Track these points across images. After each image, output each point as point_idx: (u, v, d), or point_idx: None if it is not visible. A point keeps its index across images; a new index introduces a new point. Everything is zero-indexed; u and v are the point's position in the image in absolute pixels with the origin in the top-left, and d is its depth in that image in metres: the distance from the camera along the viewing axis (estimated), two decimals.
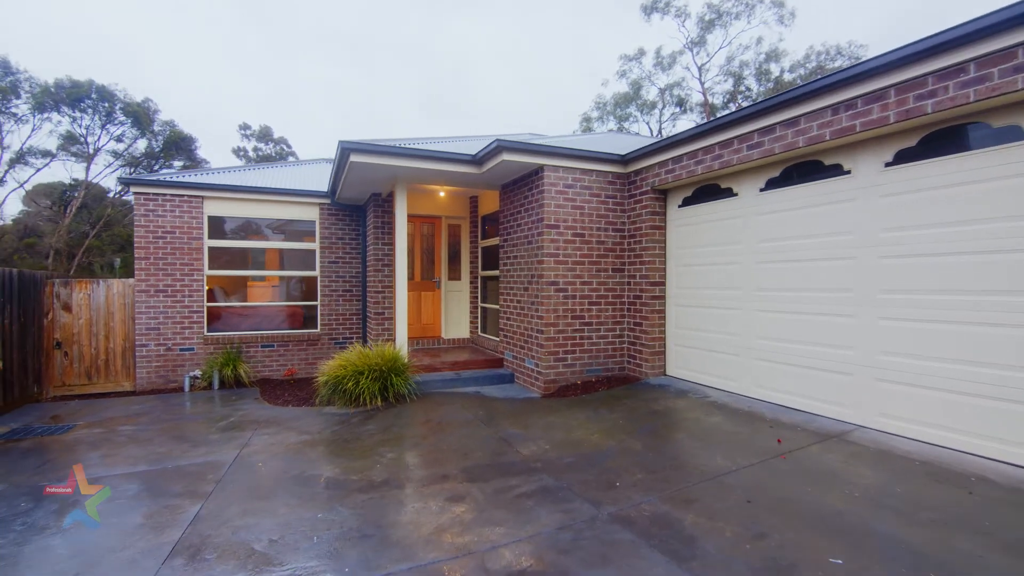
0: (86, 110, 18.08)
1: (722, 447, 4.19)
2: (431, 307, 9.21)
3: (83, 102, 17.55)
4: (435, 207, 9.09)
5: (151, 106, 20.07)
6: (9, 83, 16.32)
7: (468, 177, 7.17)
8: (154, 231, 8.51)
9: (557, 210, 6.47)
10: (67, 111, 17.70)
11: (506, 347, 7.54)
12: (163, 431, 5.89)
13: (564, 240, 6.51)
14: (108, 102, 18.16)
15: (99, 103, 17.84)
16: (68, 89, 17.07)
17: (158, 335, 8.53)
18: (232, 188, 8.90)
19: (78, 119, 18.00)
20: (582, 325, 6.63)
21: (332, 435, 5.31)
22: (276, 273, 9.61)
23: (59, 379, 8.17)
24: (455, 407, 6.03)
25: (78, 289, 8.25)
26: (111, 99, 18.27)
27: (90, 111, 18.11)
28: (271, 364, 9.16)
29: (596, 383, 6.54)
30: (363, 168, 6.65)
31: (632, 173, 6.80)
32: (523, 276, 6.95)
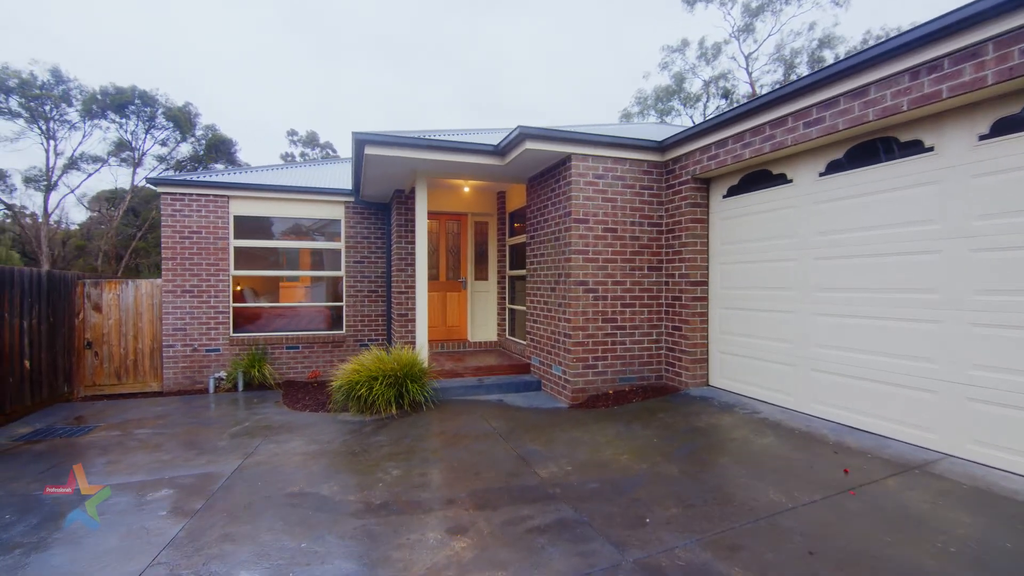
0: (130, 116, 18.82)
1: (776, 476, 3.54)
2: (457, 308, 8.80)
3: (127, 108, 18.26)
4: (461, 203, 8.68)
5: (191, 110, 20.70)
6: (61, 91, 17.16)
7: (491, 170, 6.71)
8: (181, 231, 8.47)
9: (586, 203, 5.91)
10: (113, 117, 18.47)
11: (533, 352, 7.03)
12: (175, 436, 5.73)
13: (594, 236, 5.95)
14: (150, 107, 18.85)
15: (142, 108, 18.55)
16: (112, 95, 17.80)
17: (184, 335, 8.48)
18: (257, 187, 8.77)
19: (123, 125, 18.77)
20: (614, 329, 6.05)
21: (340, 446, 4.95)
22: (302, 273, 9.45)
23: (90, 379, 8.22)
24: (473, 417, 5.57)
25: (108, 289, 8.28)
26: (153, 104, 18.96)
27: (134, 116, 18.85)
28: (296, 366, 8.98)
29: (629, 393, 5.94)
30: (380, 162, 6.29)
31: (670, 161, 6.16)
32: (550, 275, 6.43)
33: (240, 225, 8.86)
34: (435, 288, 8.68)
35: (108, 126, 18.93)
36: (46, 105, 16.92)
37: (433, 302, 8.65)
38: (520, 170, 6.74)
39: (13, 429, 6.23)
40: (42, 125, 17.48)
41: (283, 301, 9.43)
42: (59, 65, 17.32)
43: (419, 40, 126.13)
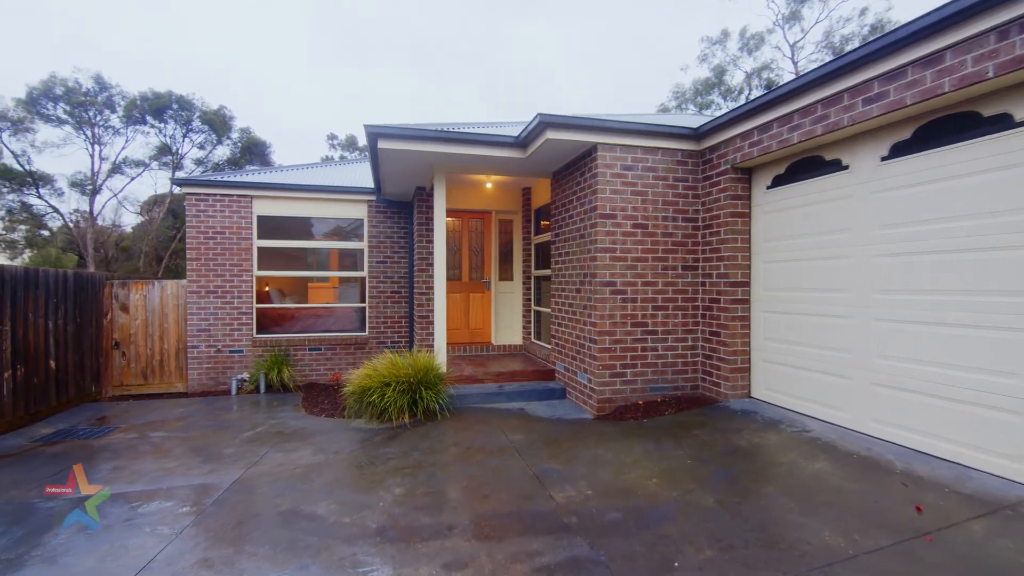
0: (167, 120, 19.41)
1: (831, 512, 3.01)
2: (480, 310, 8.45)
3: (165, 112, 18.84)
4: (484, 201, 8.32)
5: (226, 113, 21.21)
6: (104, 98, 17.84)
7: (513, 163, 6.31)
8: (205, 231, 8.44)
9: (613, 196, 5.44)
10: (152, 121, 19.11)
11: (557, 357, 6.59)
12: (187, 440, 5.60)
13: (622, 232, 5.47)
14: (187, 111, 19.41)
15: (179, 112, 19.10)
16: (151, 100, 18.39)
17: (208, 336, 8.45)
18: (279, 187, 8.67)
19: (162, 129, 19.41)
20: (644, 334, 5.55)
21: (347, 457, 4.66)
22: (325, 274, 9.31)
23: (117, 379, 8.28)
24: (490, 428, 5.19)
25: (134, 290, 8.33)
26: (190, 108, 19.53)
27: (172, 121, 19.44)
28: (318, 368, 8.83)
29: (662, 404, 5.43)
30: (394, 156, 5.99)
31: (707, 150, 5.62)
32: (575, 276, 5.98)
33: (264, 225, 8.77)
34: (457, 289, 8.36)
35: (148, 131, 19.64)
36: (90, 111, 17.67)
37: (455, 304, 8.33)
38: (543, 163, 6.32)
39: (36, 429, 6.25)
40: (87, 131, 18.26)
41: (305, 302, 9.31)
42: (101, 72, 18.12)
43: (448, 43, 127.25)
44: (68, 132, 17.82)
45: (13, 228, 20.82)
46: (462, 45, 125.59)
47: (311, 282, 9.53)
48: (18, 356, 6.26)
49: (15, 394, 6.20)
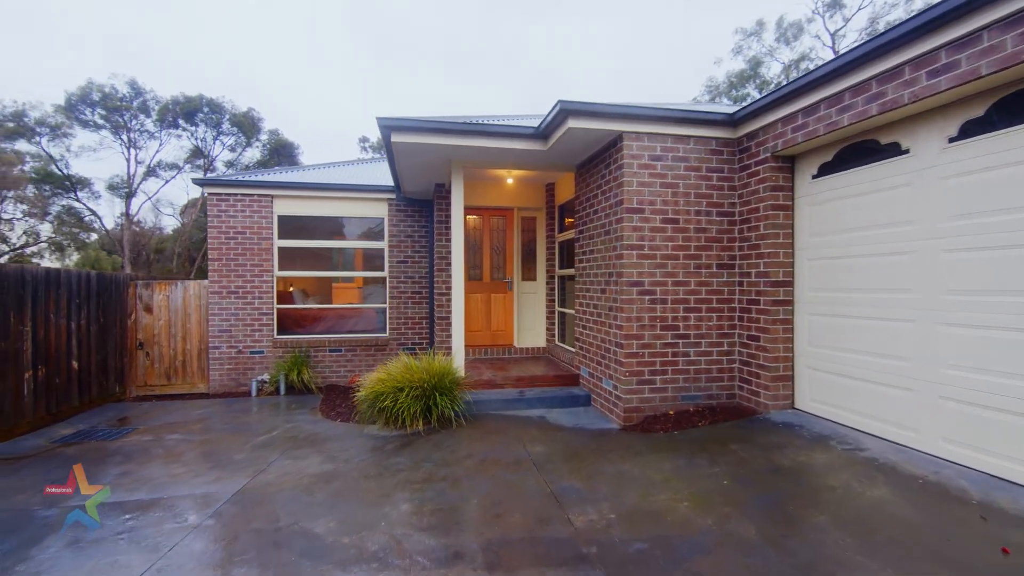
0: (199, 123, 19.87)
1: (896, 550, 2.57)
2: (502, 311, 8.13)
3: (196, 116, 19.29)
4: (506, 197, 8.00)
5: (255, 115, 21.57)
6: (139, 104, 18.38)
7: (534, 156, 5.98)
8: (226, 231, 8.39)
9: (640, 189, 5.05)
10: (184, 124, 19.59)
11: (582, 362, 6.22)
12: (200, 444, 5.49)
13: (650, 228, 5.07)
14: (217, 114, 19.82)
15: (210, 115, 19.53)
16: (183, 104, 18.84)
17: (230, 337, 8.40)
18: (300, 186, 8.56)
19: (194, 132, 19.88)
20: (675, 338, 5.13)
21: (356, 467, 4.41)
22: (346, 274, 9.17)
23: (141, 379, 8.31)
24: (508, 438, 4.87)
25: (158, 291, 8.34)
26: (219, 111, 19.93)
27: (202, 124, 19.89)
28: (339, 369, 8.68)
29: (694, 415, 5.00)
30: (409, 151, 5.73)
31: (744, 137, 5.16)
32: (600, 275, 5.61)
33: (284, 225, 8.69)
34: (478, 289, 8.07)
35: (180, 134, 20.17)
36: (125, 116, 18.23)
37: (476, 304, 8.04)
38: (566, 155, 5.96)
39: (56, 430, 6.25)
40: (123, 136, 18.86)
41: (325, 303, 9.19)
42: (136, 78, 18.69)
43: (477, 46, 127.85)
44: (104, 136, 18.53)
45: (60, 231, 21.68)
46: (491, 47, 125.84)
47: (335, 282, 9.43)
48: (39, 357, 6.28)
49: (36, 395, 6.21)
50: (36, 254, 28.27)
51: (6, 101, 15.93)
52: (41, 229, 26.84)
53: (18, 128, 15.94)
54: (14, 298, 5.92)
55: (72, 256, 25.84)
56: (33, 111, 16.66)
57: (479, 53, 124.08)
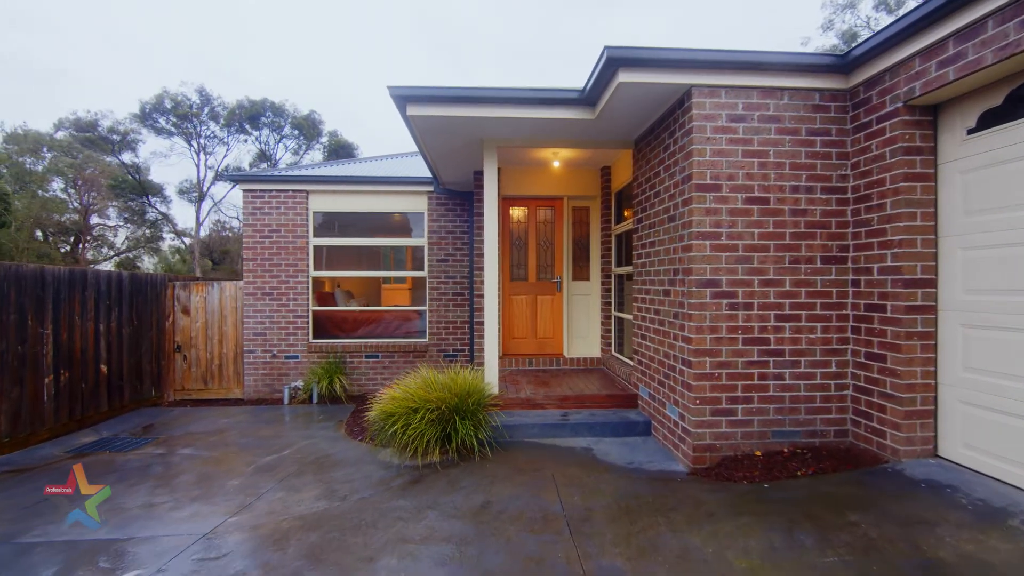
0: (262, 127, 20.40)
1: None
2: (550, 316, 7.10)
3: (259, 119, 19.80)
4: (553, 184, 6.96)
5: (316, 118, 21.85)
6: (208, 111, 19.16)
7: (580, 129, 4.94)
8: (260, 230, 7.99)
9: (716, 160, 3.87)
10: (248, 128, 20.17)
11: (640, 380, 5.08)
12: (204, 463, 4.98)
13: (730, 211, 3.87)
14: (279, 117, 20.26)
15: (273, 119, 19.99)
16: (247, 108, 19.39)
17: (264, 341, 7.98)
18: (335, 180, 8.01)
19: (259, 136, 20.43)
20: (764, 355, 3.90)
21: (351, 508, 3.59)
22: (383, 274, 8.53)
23: (179, 383, 8.07)
24: (540, 479, 3.85)
25: (195, 292, 8.07)
26: (282, 114, 20.36)
27: (266, 128, 20.40)
28: (375, 377, 8.03)
29: (791, 459, 3.74)
30: (431, 127, 4.88)
31: (861, 86, 3.83)
32: (663, 272, 4.46)
33: (319, 222, 8.17)
34: (523, 291, 7.08)
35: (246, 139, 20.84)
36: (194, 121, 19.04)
37: (520, 308, 7.06)
38: (620, 125, 4.86)
39: (78, 438, 5.98)
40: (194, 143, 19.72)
41: (372, 304, 8.59)
42: (204, 84, 19.53)
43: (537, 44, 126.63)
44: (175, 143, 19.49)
45: (146, 235, 23.15)
46: (553, 48, 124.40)
47: (385, 283, 8.85)
48: (61, 361, 6.03)
49: (57, 400, 5.96)
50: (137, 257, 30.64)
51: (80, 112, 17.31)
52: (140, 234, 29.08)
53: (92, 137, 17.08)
54: (33, 299, 5.66)
55: (154, 259, 27.64)
56: (104, 120, 17.86)
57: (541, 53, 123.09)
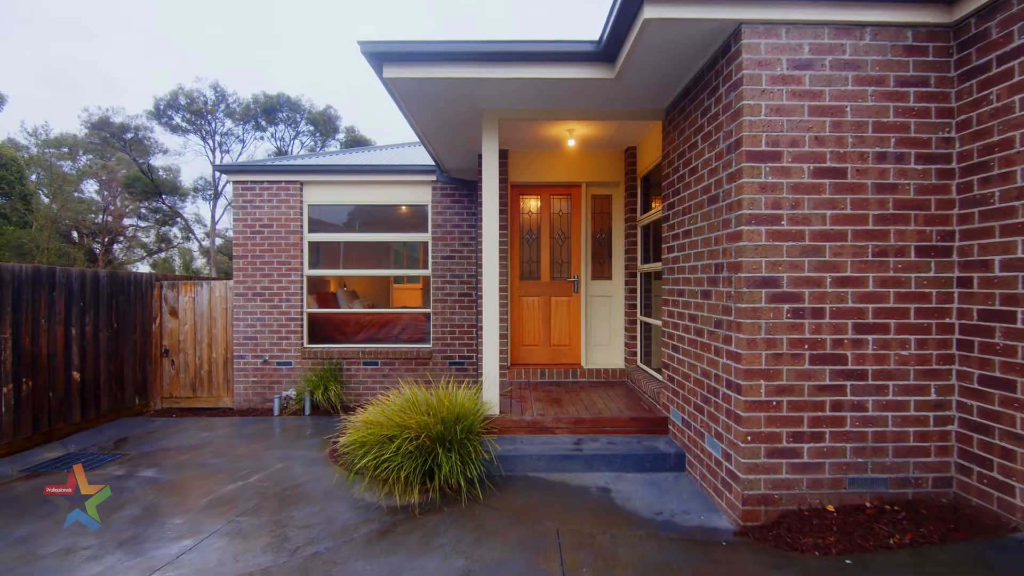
0: (278, 123, 20.04)
1: None
2: (565, 320, 6.20)
3: (275, 114, 19.43)
4: (570, 169, 6.06)
5: (332, 113, 21.36)
6: (224, 108, 18.87)
7: (599, 92, 4.06)
8: (251, 225, 7.34)
9: (774, 120, 2.94)
10: (263, 123, 19.82)
11: (672, 400, 4.16)
12: (160, 490, 4.40)
13: (791, 186, 2.94)
14: (295, 112, 19.84)
15: (289, 115, 19.58)
16: (262, 103, 19.03)
17: (255, 345, 7.32)
18: (331, 169, 7.30)
19: (275, 133, 20.06)
20: (839, 377, 2.94)
21: (296, 569, 2.80)
22: (382, 273, 7.80)
23: (167, 390, 7.49)
24: (540, 536, 2.98)
25: (183, 292, 7.48)
26: (297, 109, 19.94)
27: (282, 124, 20.01)
28: (374, 386, 7.29)
29: (877, 518, 2.78)
30: (416, 93, 4.07)
31: (972, 17, 2.84)
32: (699, 269, 3.54)
33: (315, 216, 7.48)
34: (534, 291, 6.20)
35: (261, 136, 20.52)
36: (208, 118, 18.79)
37: (530, 311, 6.19)
38: (647, 88, 3.96)
39: (40, 453, 5.41)
40: (209, 140, 19.50)
41: (360, 306, 7.90)
42: (218, 80, 19.30)
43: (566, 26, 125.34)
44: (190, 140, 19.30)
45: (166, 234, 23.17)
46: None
47: (397, 283, 8.13)
48: (24, 368, 5.45)
49: (18, 412, 5.38)
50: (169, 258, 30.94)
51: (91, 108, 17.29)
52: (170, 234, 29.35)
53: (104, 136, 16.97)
54: None
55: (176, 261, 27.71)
56: (116, 116, 17.73)
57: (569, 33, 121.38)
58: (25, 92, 57.19)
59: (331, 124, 21.39)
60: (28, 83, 59.18)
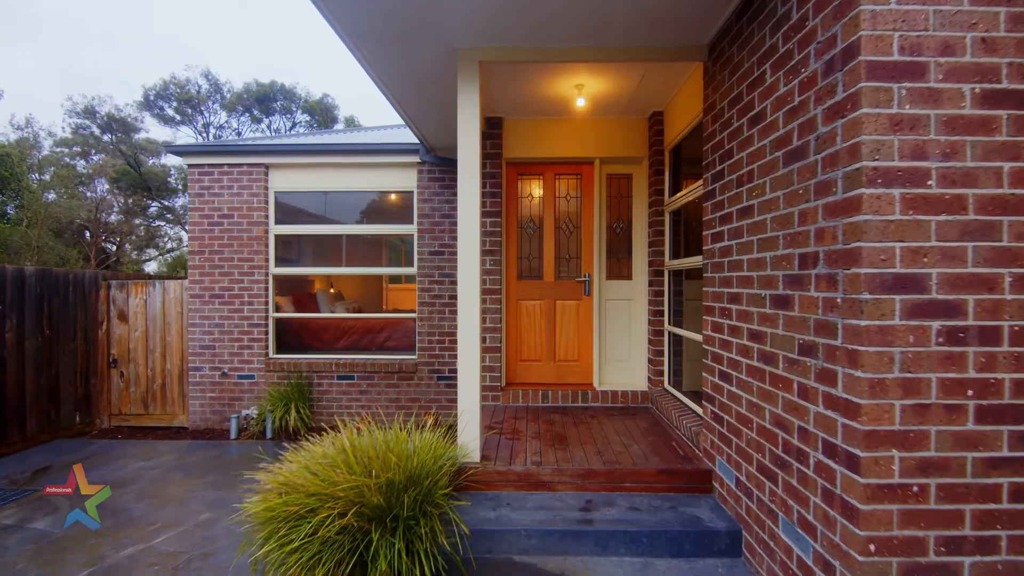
0: (274, 112, 19.08)
1: None
2: (573, 329, 5.02)
3: (268, 103, 18.48)
4: (579, 142, 4.87)
5: (329, 102, 20.35)
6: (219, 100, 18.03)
7: (611, 12, 2.89)
8: (209, 215, 6.30)
9: (912, 9, 1.74)
10: (258, 113, 18.89)
11: (718, 448, 2.97)
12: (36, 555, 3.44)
13: (943, 121, 1.74)
14: (291, 101, 18.88)
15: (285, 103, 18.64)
16: (254, 91, 18.11)
17: (213, 355, 6.29)
18: (300, 150, 6.24)
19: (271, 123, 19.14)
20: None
21: None
22: (364, 271, 6.68)
23: (116, 405, 6.50)
24: None
25: (134, 293, 6.48)
26: (292, 98, 18.98)
27: (277, 114, 19.06)
28: (349, 405, 6.21)
29: None
30: (365, 22, 2.93)
31: None
32: (769, 263, 2.35)
33: (282, 205, 6.42)
34: (534, 293, 5.03)
35: (256, 127, 19.58)
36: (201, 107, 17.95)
37: (530, 318, 5.03)
38: (683, 6, 2.78)
39: None
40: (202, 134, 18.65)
41: (334, 311, 6.85)
42: (209, 67, 18.47)
43: None
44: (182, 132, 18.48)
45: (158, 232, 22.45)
46: None
47: (393, 283, 7.07)
48: None
49: None
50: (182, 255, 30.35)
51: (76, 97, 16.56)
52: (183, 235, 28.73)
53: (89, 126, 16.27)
54: None
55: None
56: (102, 106, 16.92)
57: None
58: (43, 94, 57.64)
59: (329, 114, 20.38)
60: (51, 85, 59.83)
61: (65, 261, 17.07)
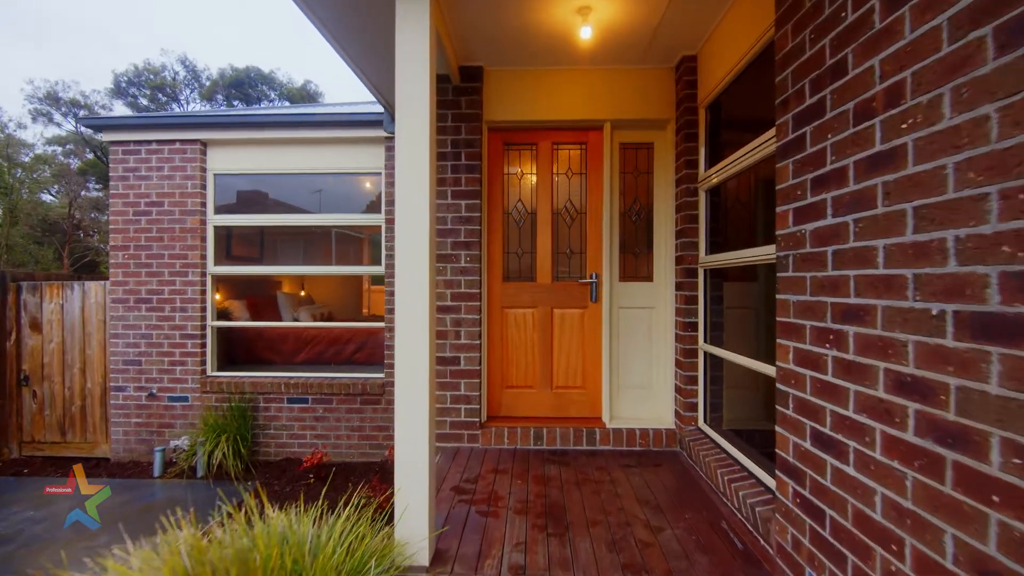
0: (253, 101, 17.96)
1: None
2: (576, 345, 3.84)
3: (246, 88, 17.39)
4: (585, 99, 3.69)
5: (312, 88, 19.18)
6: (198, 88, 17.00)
7: None
8: (134, 203, 5.20)
9: None
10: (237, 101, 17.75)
11: (817, 562, 1.82)
12: None
13: None
14: (268, 87, 17.79)
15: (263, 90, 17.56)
16: (228, 76, 17.00)
17: (139, 372, 5.19)
18: (245, 122, 5.15)
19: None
20: None
21: None
22: (317, 270, 5.55)
23: (28, 431, 5.43)
24: None
25: (49, 297, 5.40)
26: (271, 84, 17.86)
27: (255, 99, 17.93)
28: (302, 434, 5.09)
29: None
30: None
31: None
32: (956, 248, 1.19)
33: (223, 190, 5.32)
34: (524, 298, 3.86)
35: None
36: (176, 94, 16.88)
37: (519, 331, 3.86)
38: None
39: None
40: None
41: (283, 320, 5.77)
42: (186, 53, 17.41)
43: None
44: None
45: None
46: None
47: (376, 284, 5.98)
48: None
49: None
50: None
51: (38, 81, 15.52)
52: None
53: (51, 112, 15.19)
54: None
55: None
56: (66, 92, 15.71)
57: None
58: None
59: (312, 101, 19.25)
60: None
61: (37, 261, 16.07)
